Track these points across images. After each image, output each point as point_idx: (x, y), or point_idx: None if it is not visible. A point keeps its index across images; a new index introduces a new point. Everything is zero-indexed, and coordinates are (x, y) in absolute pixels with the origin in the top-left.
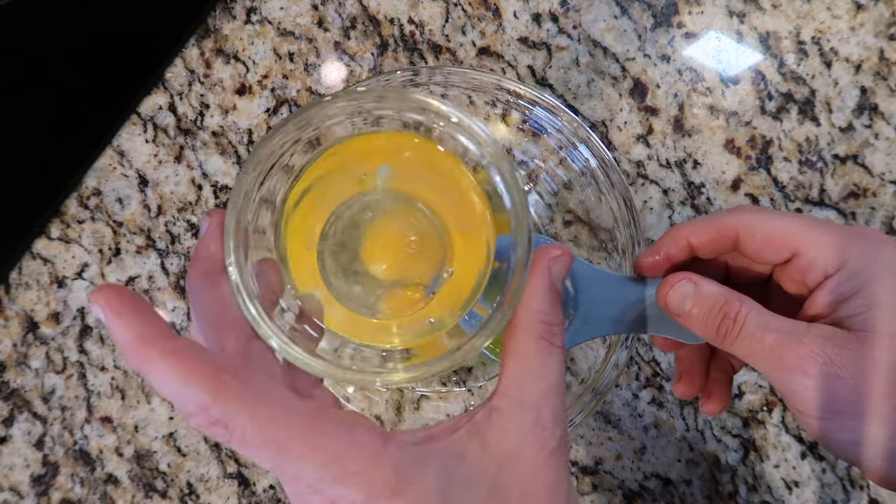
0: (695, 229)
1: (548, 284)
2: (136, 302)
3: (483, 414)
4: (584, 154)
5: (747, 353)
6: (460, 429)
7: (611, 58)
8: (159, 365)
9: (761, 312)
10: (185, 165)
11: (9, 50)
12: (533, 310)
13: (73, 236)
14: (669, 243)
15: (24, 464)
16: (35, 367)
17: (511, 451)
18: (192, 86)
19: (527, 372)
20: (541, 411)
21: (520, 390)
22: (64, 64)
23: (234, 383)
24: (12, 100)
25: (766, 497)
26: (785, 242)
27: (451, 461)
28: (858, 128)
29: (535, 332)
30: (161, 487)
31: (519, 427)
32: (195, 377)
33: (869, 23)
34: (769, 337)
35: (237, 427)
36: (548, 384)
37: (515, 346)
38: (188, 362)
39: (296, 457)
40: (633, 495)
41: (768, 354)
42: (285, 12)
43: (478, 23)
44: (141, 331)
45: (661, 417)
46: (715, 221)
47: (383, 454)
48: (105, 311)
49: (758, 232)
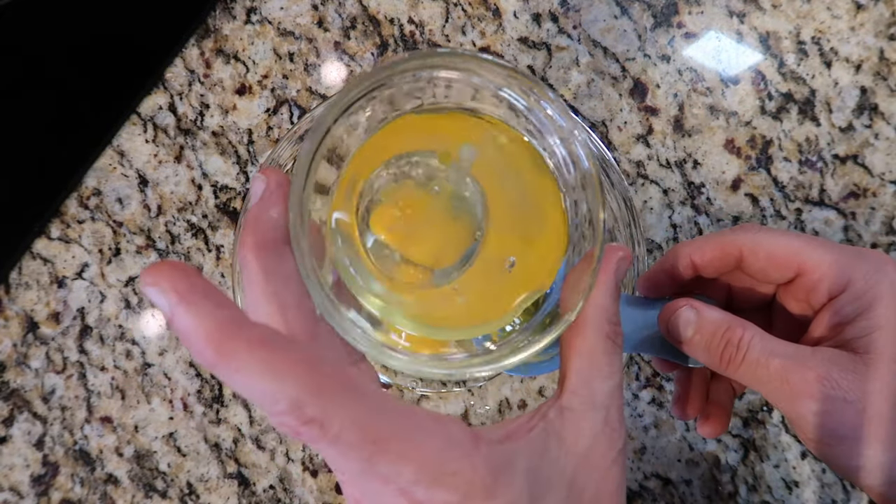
0: (698, 247)
1: (615, 284)
2: (206, 284)
3: (555, 412)
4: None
5: (752, 379)
6: (535, 427)
7: (611, 58)
8: (247, 359)
9: (765, 338)
10: (185, 165)
11: (9, 50)
12: (602, 307)
13: (73, 236)
14: (672, 262)
15: (24, 464)
16: (35, 367)
17: (585, 451)
18: (192, 86)
19: (595, 370)
20: (610, 411)
21: (590, 389)
22: (64, 64)
23: (334, 378)
24: (12, 100)
25: (766, 497)
26: (789, 261)
27: (535, 460)
28: (858, 128)
29: (603, 330)
30: (161, 487)
31: (592, 426)
32: (290, 371)
33: (869, 23)
34: (774, 362)
35: (334, 426)
36: (615, 383)
37: (583, 344)
38: (280, 353)
39: (396, 457)
40: (633, 495)
41: (773, 379)
42: (285, 12)
43: (478, 23)
44: (219, 320)
45: (661, 417)
46: (719, 239)
47: (477, 454)
48: (170, 297)
49: (762, 250)
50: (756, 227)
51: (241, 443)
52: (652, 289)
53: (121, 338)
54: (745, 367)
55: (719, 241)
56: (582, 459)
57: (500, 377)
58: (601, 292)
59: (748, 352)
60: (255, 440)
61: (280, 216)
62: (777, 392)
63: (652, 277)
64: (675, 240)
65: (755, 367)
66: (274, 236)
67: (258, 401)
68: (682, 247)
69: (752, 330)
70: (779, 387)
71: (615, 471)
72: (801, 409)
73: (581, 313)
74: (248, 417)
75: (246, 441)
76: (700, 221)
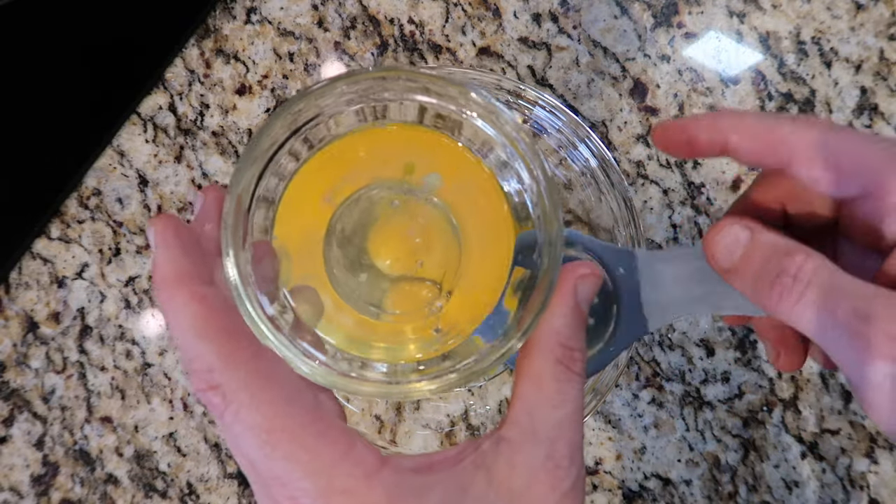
0: (743, 126)
1: (572, 305)
2: (189, 241)
3: (490, 444)
4: (583, 154)
5: (811, 324)
6: (464, 459)
7: (611, 58)
8: (182, 307)
9: (834, 272)
10: (185, 165)
11: (9, 50)
12: (553, 330)
13: (73, 236)
14: (703, 129)
15: (24, 464)
16: (35, 367)
17: (520, 490)
18: (192, 86)
19: (541, 398)
20: (555, 444)
21: (532, 419)
22: (64, 64)
23: (248, 352)
24: (13, 100)
25: (766, 497)
26: (856, 173)
27: (453, 495)
28: (858, 128)
29: (554, 354)
30: (161, 487)
31: (530, 462)
32: (212, 333)
33: (869, 23)
34: (843, 305)
35: (234, 400)
36: (564, 413)
37: (530, 368)
38: (212, 315)
39: (284, 454)
40: (633, 495)
41: (840, 329)
42: (285, 12)
43: (478, 23)
44: (179, 268)
45: (661, 417)
46: (771, 129)
47: (377, 477)
48: (155, 238)
49: (821, 156)
50: (821, 124)
51: None
52: (661, 143)
53: (121, 338)
54: (802, 308)
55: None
56: (515, 499)
57: (499, 377)
58: (553, 313)
59: (809, 287)
60: None
61: (212, 229)
62: (842, 347)
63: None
64: (674, 240)
65: (817, 308)
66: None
67: (183, 355)
68: (722, 117)
69: (816, 259)
70: (845, 339)
71: None
72: (873, 374)
73: (531, 336)
74: None
75: None
76: (700, 221)
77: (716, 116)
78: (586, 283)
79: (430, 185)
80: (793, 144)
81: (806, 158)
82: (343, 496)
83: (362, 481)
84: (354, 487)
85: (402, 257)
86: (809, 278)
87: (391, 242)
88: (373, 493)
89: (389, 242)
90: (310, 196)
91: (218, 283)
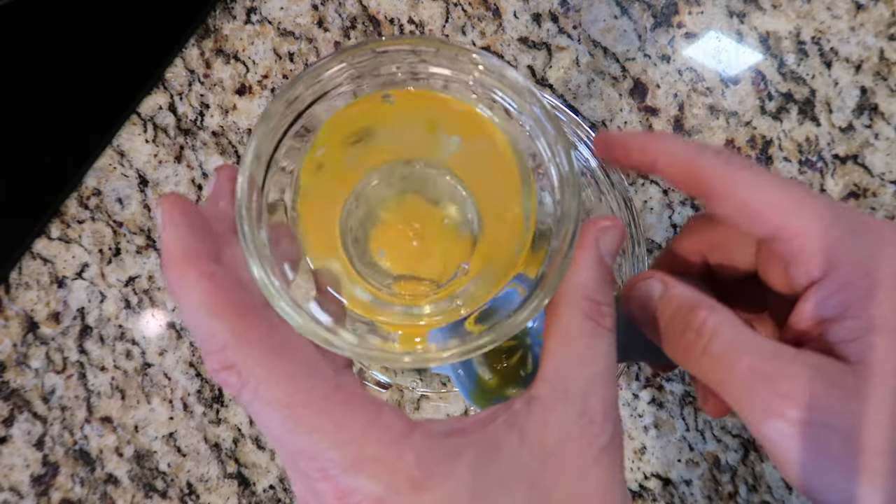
0: (669, 151)
1: (595, 258)
2: (197, 219)
3: (522, 403)
4: (584, 154)
5: (713, 378)
6: (496, 420)
7: (611, 58)
8: (192, 285)
9: (736, 328)
10: (185, 165)
11: (9, 50)
12: (578, 285)
13: (73, 236)
14: (636, 148)
15: (24, 464)
16: (35, 367)
17: (553, 448)
18: (192, 86)
19: (571, 354)
20: (588, 401)
21: (563, 376)
22: (64, 64)
23: (261, 328)
24: (13, 100)
25: (766, 497)
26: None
27: (486, 455)
28: (858, 128)
29: (581, 309)
30: (161, 487)
31: (562, 419)
32: (224, 310)
33: (869, 23)
34: (742, 362)
35: (251, 378)
36: (596, 369)
37: (559, 324)
38: (222, 292)
39: (309, 428)
40: (633, 495)
41: (739, 385)
42: (285, 12)
43: (478, 23)
44: (188, 246)
45: (661, 417)
46: (691, 159)
47: (407, 442)
48: (163, 217)
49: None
50: (739, 161)
51: (241, 443)
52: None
53: (121, 338)
54: (705, 362)
55: (694, 160)
56: (550, 458)
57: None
58: (578, 267)
59: (711, 342)
60: (255, 440)
61: (227, 206)
62: (742, 403)
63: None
64: None
65: (717, 364)
66: (226, 227)
67: (196, 335)
68: (652, 140)
69: (720, 314)
70: (744, 396)
71: (597, 472)
72: (770, 431)
73: (557, 292)
74: (249, 417)
75: (246, 441)
76: None
77: (648, 138)
78: (608, 235)
79: (451, 144)
80: (709, 177)
81: (722, 193)
82: (374, 463)
83: (392, 447)
84: (385, 453)
85: (423, 224)
86: (711, 334)
87: (410, 213)
88: (404, 457)
89: (408, 213)
90: (329, 166)
91: (226, 262)
